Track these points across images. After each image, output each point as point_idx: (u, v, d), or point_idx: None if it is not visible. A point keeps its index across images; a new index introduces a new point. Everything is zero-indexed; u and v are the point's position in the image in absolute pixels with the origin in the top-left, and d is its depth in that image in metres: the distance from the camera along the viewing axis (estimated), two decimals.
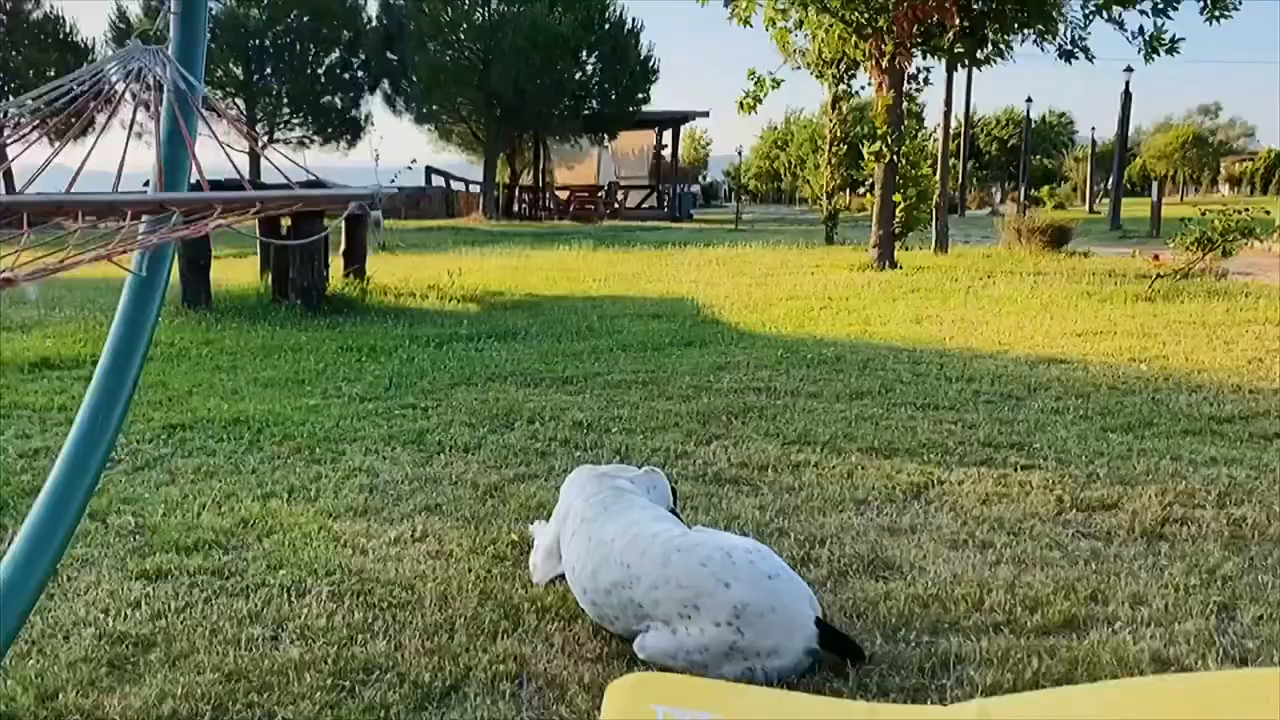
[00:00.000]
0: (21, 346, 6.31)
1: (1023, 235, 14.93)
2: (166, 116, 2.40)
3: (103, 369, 2.20)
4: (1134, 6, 11.24)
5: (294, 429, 4.34)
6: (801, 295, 9.38)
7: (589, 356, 6.18)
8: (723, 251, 15.31)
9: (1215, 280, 9.98)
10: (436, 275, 10.33)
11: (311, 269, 8.18)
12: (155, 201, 1.99)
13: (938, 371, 5.64)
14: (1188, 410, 4.66)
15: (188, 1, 2.56)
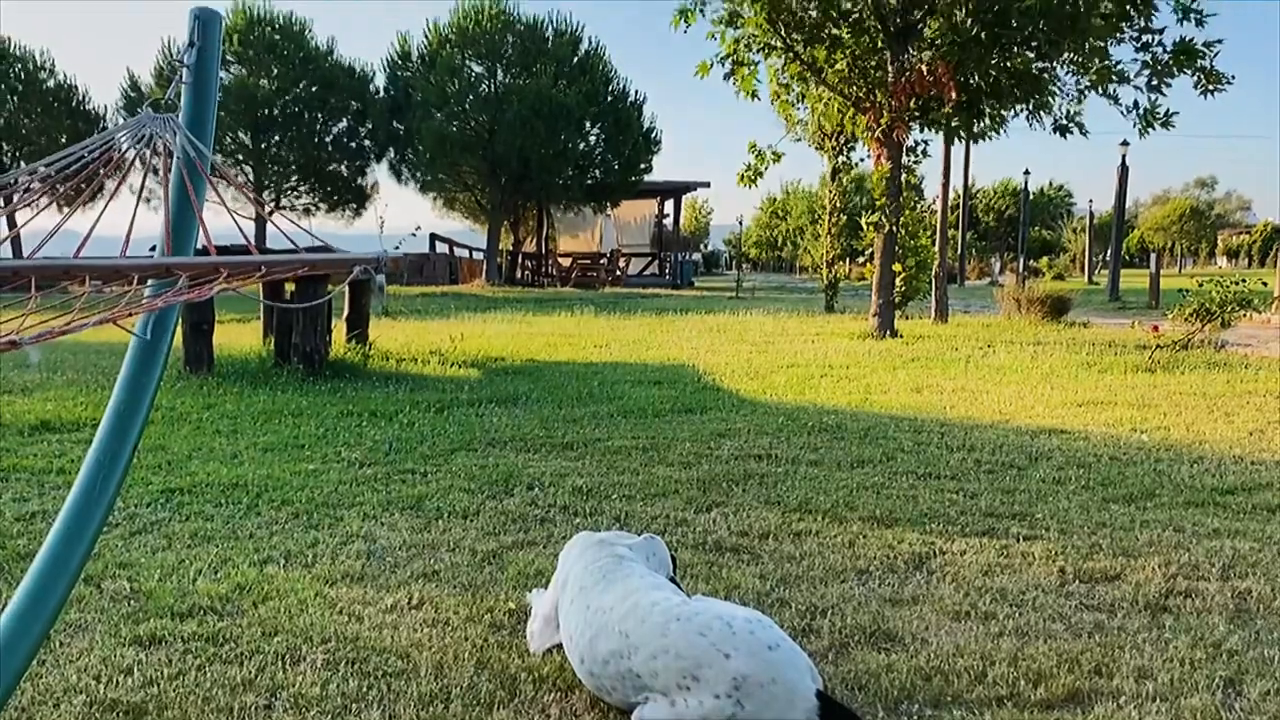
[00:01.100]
0: (22, 409, 6.31)
1: (1022, 305, 15.02)
2: (175, 183, 2.44)
3: (104, 432, 2.20)
4: (1128, 82, 11.44)
5: (292, 494, 4.32)
6: (802, 363, 9.40)
7: (589, 422, 6.18)
8: (723, 319, 15.38)
9: (1215, 351, 10.01)
10: (439, 340, 10.36)
11: (314, 333, 8.21)
12: (161, 265, 2.01)
13: (939, 440, 5.63)
14: (1190, 481, 4.65)
15: (199, 71, 2.62)
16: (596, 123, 30.44)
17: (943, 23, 11.80)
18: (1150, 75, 11.31)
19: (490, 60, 29.26)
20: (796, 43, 12.05)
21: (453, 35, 29.31)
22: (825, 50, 12.12)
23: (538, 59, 28.84)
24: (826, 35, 11.96)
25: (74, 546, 2.06)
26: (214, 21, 2.67)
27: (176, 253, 2.30)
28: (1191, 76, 11.15)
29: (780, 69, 12.85)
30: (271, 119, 29.37)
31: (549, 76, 28.39)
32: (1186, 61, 11.11)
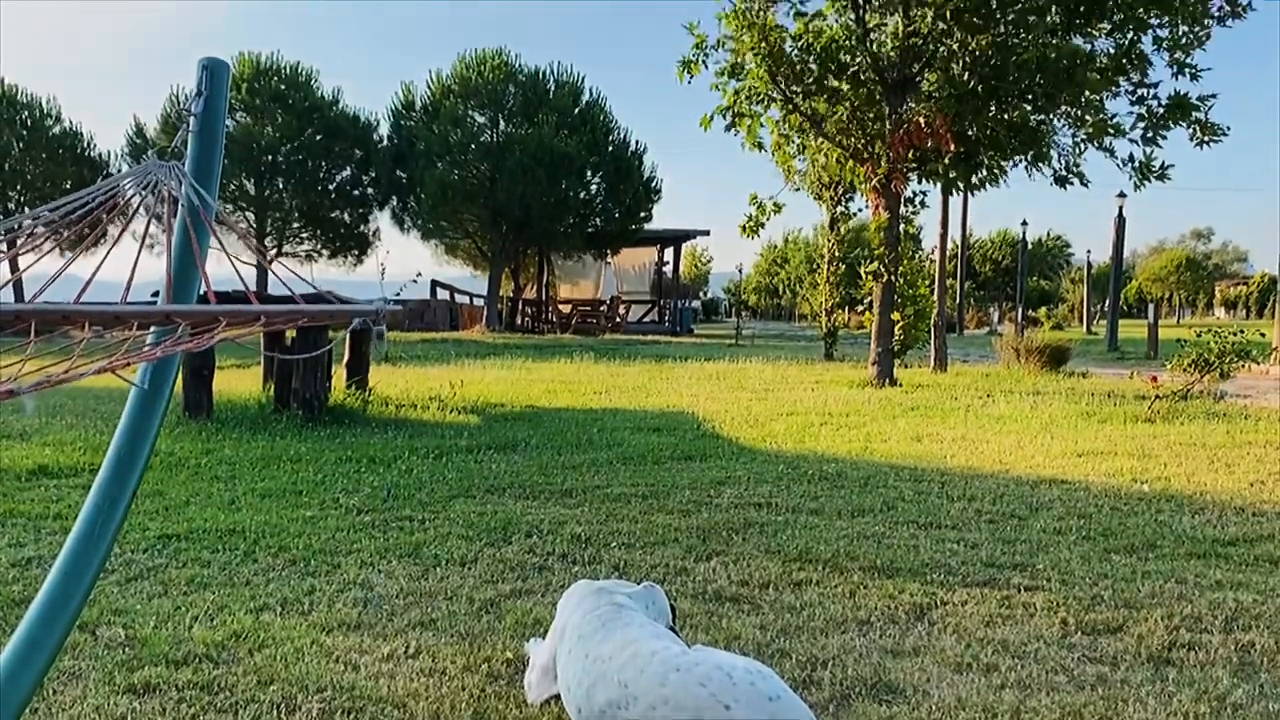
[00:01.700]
0: (20, 454, 6.30)
1: (1021, 355, 15.04)
2: (179, 230, 2.45)
3: (103, 478, 2.19)
4: (1124, 135, 11.56)
5: (290, 540, 4.30)
6: (802, 411, 9.39)
7: (588, 469, 6.16)
8: (723, 366, 15.39)
9: (1214, 402, 10.01)
10: (438, 387, 10.36)
11: (314, 380, 8.22)
12: (161, 313, 2.02)
13: (939, 490, 5.61)
14: (1191, 532, 4.63)
15: (206, 120, 2.65)
16: (597, 172, 30.70)
17: (940, 76, 11.95)
18: (1146, 128, 11.42)
19: (492, 110, 29.58)
20: (796, 95, 12.19)
21: (456, 85, 29.66)
22: (824, 102, 12.26)
23: (539, 109, 29.15)
24: (826, 88, 12.10)
25: (70, 592, 2.05)
26: (222, 71, 2.71)
27: (178, 300, 2.31)
28: (1187, 129, 11.27)
29: (781, 120, 13.00)
30: (275, 166, 29.62)
31: (550, 126, 28.68)
32: (1181, 114, 11.23)
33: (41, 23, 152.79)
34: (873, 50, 11.85)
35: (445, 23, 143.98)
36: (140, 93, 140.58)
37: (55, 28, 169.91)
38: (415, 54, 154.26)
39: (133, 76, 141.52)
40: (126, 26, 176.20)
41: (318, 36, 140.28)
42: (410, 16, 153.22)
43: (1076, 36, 11.60)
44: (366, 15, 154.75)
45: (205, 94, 2.69)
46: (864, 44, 11.81)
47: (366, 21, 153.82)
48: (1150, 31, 11.24)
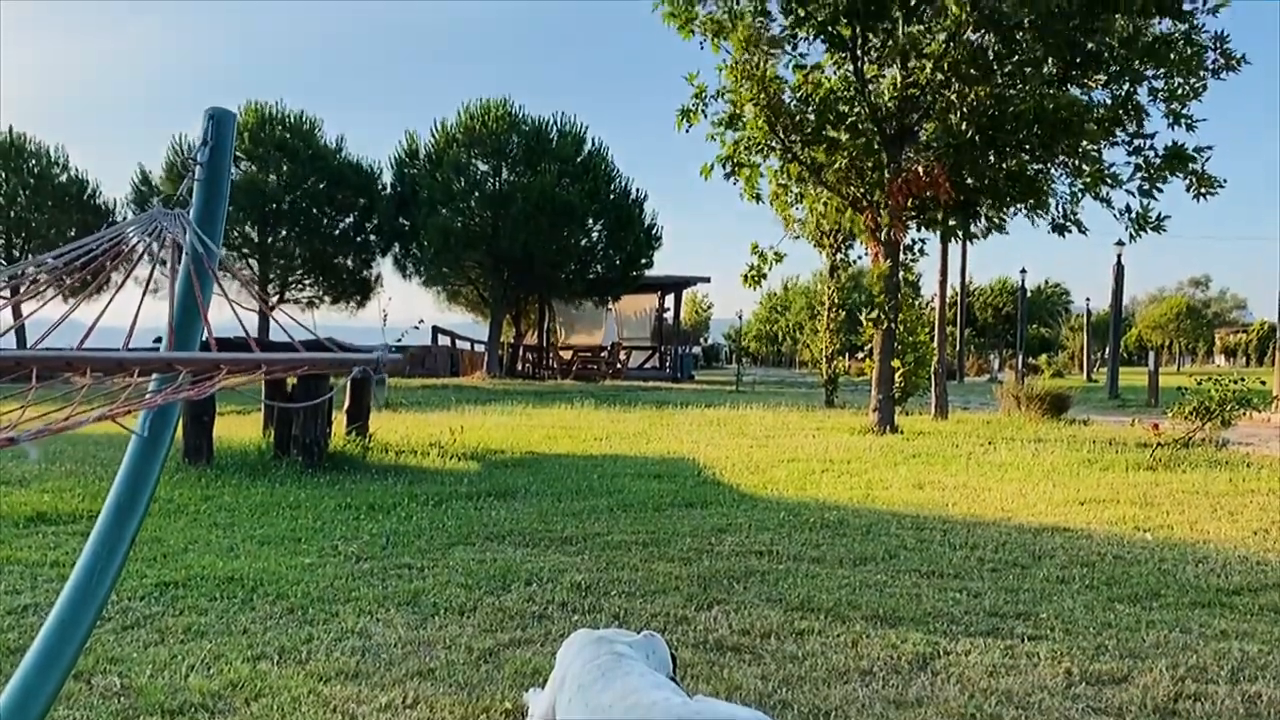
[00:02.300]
0: (18, 500, 6.28)
1: (1022, 402, 15.02)
2: (183, 278, 2.47)
3: (102, 524, 2.19)
4: (1121, 185, 11.64)
5: (288, 588, 4.27)
6: (803, 458, 9.37)
7: (589, 516, 6.14)
8: (724, 412, 15.38)
9: (1216, 450, 9.98)
10: (439, 433, 10.35)
11: (315, 426, 8.21)
12: (163, 361, 2.02)
13: (941, 538, 5.58)
14: (1195, 581, 4.59)
15: (212, 169, 2.67)
16: (599, 219, 30.88)
17: (938, 126, 12.07)
18: (1143, 178, 11.51)
19: (495, 159, 29.82)
20: (795, 144, 12.31)
21: (459, 135, 29.93)
22: (823, 151, 12.37)
23: (542, 158, 29.39)
24: (824, 137, 12.22)
25: (67, 641, 2.03)
26: (228, 121, 2.74)
27: (180, 348, 2.32)
28: (1184, 180, 11.35)
29: (780, 169, 13.11)
30: (279, 214, 29.80)
31: (553, 175, 28.90)
32: (1179, 165, 11.32)
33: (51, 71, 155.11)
34: (871, 101, 11.98)
35: (449, 74, 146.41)
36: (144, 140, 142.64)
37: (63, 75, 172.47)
38: (419, 104, 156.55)
39: (139, 124, 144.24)
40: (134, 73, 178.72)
41: (323, 86, 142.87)
42: (416, 69, 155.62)
43: (1073, 87, 11.74)
44: (372, 64, 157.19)
45: (211, 143, 2.72)
46: (862, 95, 11.95)
47: (372, 70, 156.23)
48: (1146, 83, 11.37)
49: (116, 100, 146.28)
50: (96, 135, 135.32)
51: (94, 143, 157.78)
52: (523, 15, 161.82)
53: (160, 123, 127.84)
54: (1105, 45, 10.91)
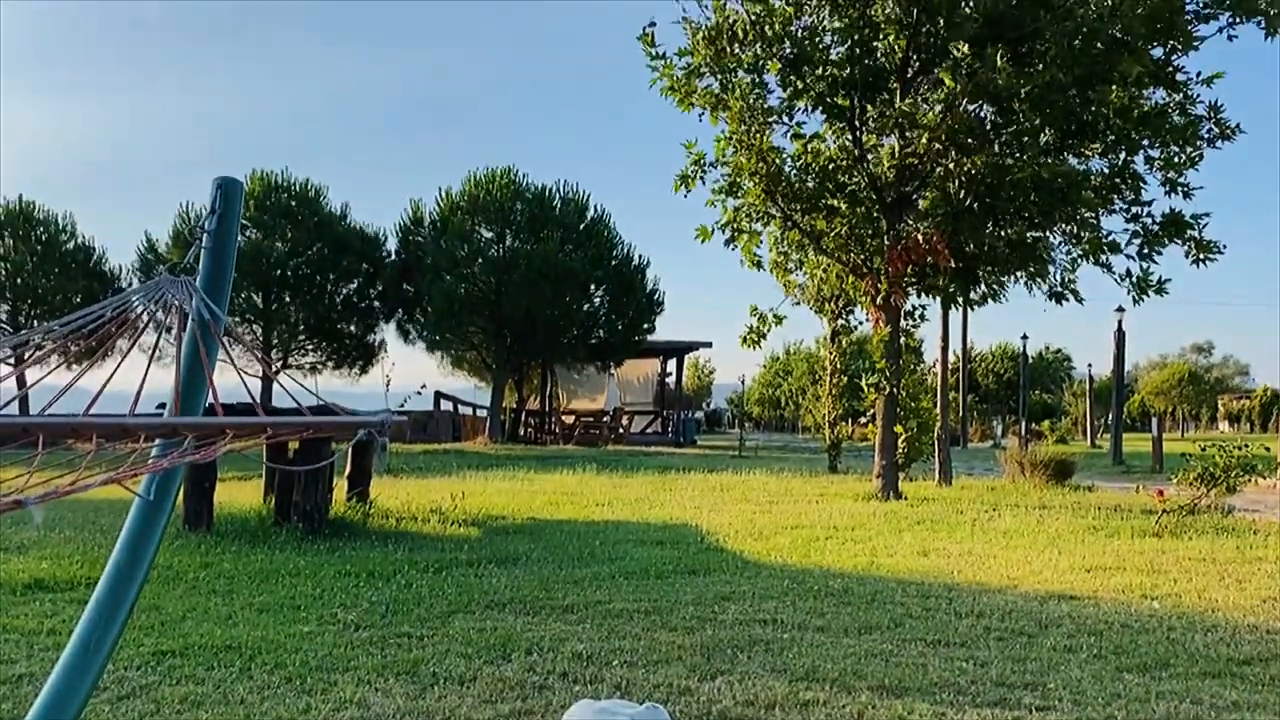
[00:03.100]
0: (16, 567, 6.24)
1: (1026, 468, 14.96)
2: (188, 343, 2.49)
3: (101, 591, 2.18)
4: (1120, 252, 11.73)
5: (286, 656, 4.22)
6: (806, 524, 9.31)
7: (590, 584, 6.08)
8: (727, 478, 15.31)
9: (1222, 517, 9.92)
10: (440, 498, 10.30)
11: (316, 492, 8.18)
12: (168, 425, 2.03)
13: (947, 606, 5.52)
14: (1204, 651, 4.54)
15: (219, 237, 2.71)
16: (601, 285, 31.08)
17: (936, 194, 12.21)
18: (1141, 245, 11.60)
19: (499, 226, 30.11)
20: (794, 212, 12.43)
21: (464, 202, 30.26)
22: (823, 219, 12.50)
23: (545, 225, 29.68)
24: (823, 206, 12.35)
25: (63, 711, 2.01)
26: (236, 190, 2.79)
27: (185, 413, 2.33)
28: (1183, 246, 11.44)
29: (779, 236, 13.23)
30: (284, 280, 30.00)
31: (556, 241, 29.16)
32: (1177, 232, 11.42)
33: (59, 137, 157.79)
34: (870, 170, 12.14)
35: (455, 144, 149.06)
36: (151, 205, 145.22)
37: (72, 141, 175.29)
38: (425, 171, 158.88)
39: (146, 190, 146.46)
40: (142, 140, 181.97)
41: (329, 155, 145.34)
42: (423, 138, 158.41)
43: (1071, 156, 11.89)
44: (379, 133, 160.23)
45: (219, 211, 2.76)
46: (861, 164, 12.10)
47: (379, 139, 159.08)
48: (1142, 152, 11.52)
49: (124, 166, 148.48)
50: (103, 201, 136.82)
51: (101, 209, 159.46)
52: (527, 86, 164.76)
53: (167, 189, 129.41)
54: (1101, 115, 11.07)
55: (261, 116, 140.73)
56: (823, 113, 12.32)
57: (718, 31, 11.66)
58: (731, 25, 11.64)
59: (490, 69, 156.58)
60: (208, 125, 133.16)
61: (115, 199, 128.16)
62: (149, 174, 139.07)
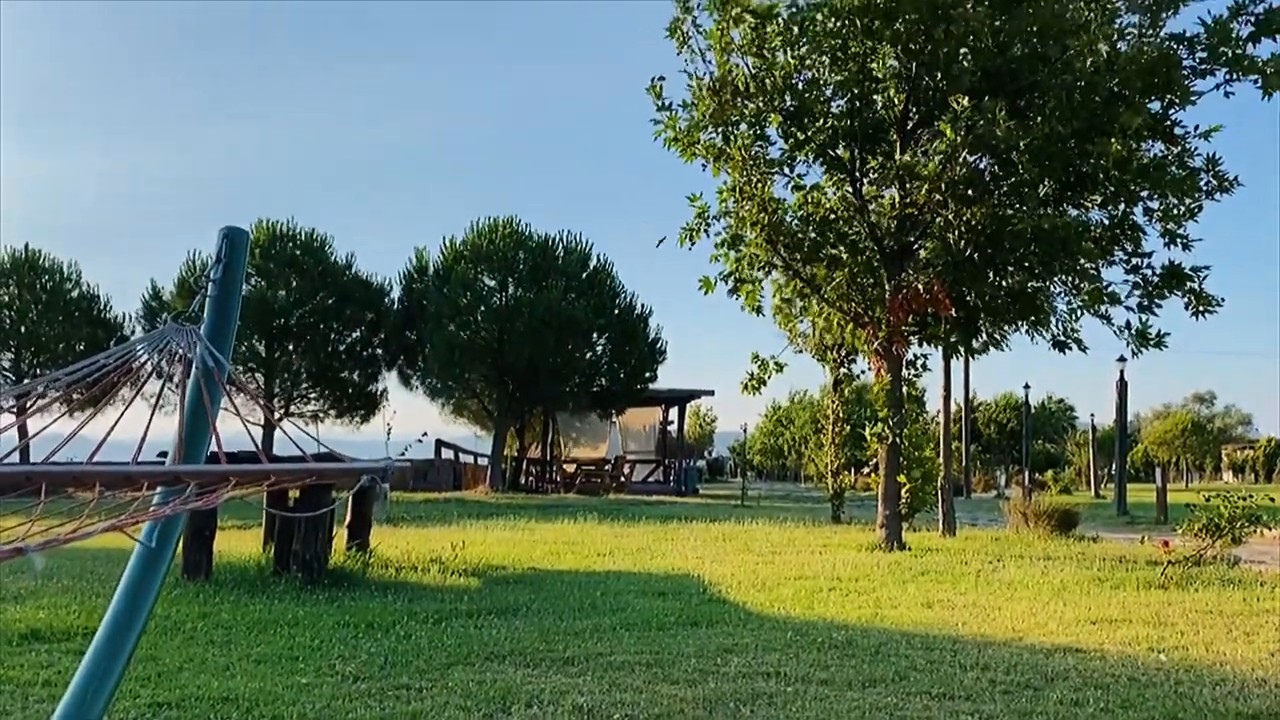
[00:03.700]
0: (12, 617, 6.19)
1: (1030, 519, 14.88)
2: (192, 391, 2.50)
3: (99, 642, 2.16)
4: (1120, 304, 11.76)
5: (284, 709, 4.17)
6: (810, 575, 9.24)
7: (591, 635, 6.03)
8: (729, 527, 15.22)
9: (1228, 568, 9.84)
10: (440, 548, 10.24)
11: (315, 541, 8.14)
12: (171, 474, 2.03)
13: (951, 658, 5.47)
14: (1213, 705, 4.48)
15: (224, 286, 2.73)
16: (603, 333, 31.16)
17: (937, 245, 12.28)
18: (1141, 296, 11.64)
19: (502, 274, 30.27)
20: (796, 261, 12.50)
21: (467, 251, 30.45)
22: (824, 268, 12.56)
23: (548, 274, 29.84)
24: (824, 255, 12.42)
25: None
26: (242, 240, 2.82)
27: (188, 460, 2.33)
28: (1182, 298, 11.47)
29: (782, 285, 13.29)
30: (287, 329, 30.08)
31: (558, 290, 29.29)
32: (1176, 284, 11.45)
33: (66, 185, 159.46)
34: (870, 220, 12.22)
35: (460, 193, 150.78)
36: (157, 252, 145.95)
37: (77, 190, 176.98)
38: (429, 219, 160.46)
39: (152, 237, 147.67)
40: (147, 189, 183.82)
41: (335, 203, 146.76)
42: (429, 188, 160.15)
43: (1070, 207, 11.97)
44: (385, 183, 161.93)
45: (225, 261, 2.78)
46: (862, 215, 12.19)
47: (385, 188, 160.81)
48: (1141, 204, 11.60)
49: (130, 215, 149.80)
50: (108, 249, 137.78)
51: (105, 257, 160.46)
52: (531, 137, 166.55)
53: (173, 238, 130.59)
54: (1100, 167, 11.16)
55: (270, 166, 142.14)
56: (823, 164, 12.45)
57: (721, 84, 11.80)
58: (734, 79, 11.79)
59: (494, 120, 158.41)
60: (214, 174, 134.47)
61: (120, 247, 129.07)
62: (155, 223, 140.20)
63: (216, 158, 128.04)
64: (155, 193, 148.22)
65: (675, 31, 11.93)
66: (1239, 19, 10.47)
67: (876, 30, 11.20)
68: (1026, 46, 11.08)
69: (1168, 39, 10.82)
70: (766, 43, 11.59)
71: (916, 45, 11.22)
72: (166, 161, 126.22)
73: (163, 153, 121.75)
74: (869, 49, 11.41)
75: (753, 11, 11.39)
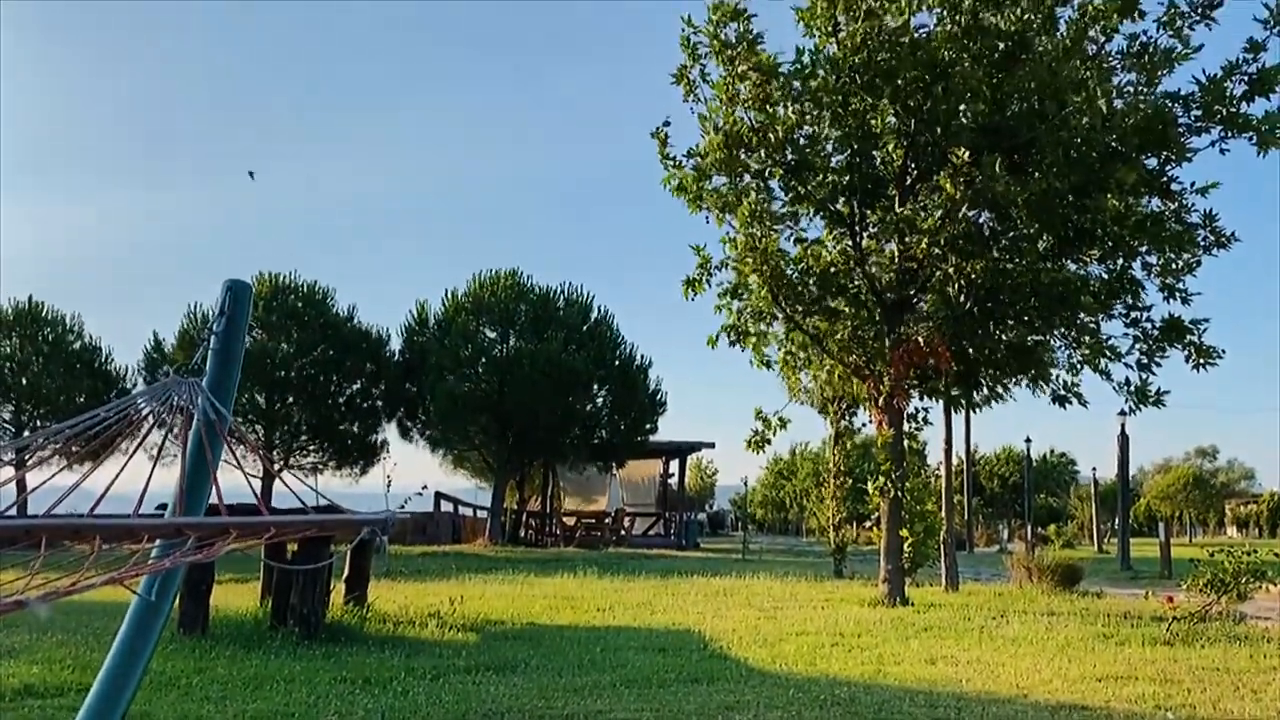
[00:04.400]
0: (6, 672, 6.12)
1: (1033, 574, 14.77)
2: (193, 443, 2.50)
3: (94, 698, 2.14)
4: (1120, 359, 11.78)
5: None
6: (812, 630, 9.15)
7: (591, 692, 5.95)
8: (730, 582, 15.10)
9: (1234, 624, 9.74)
10: (438, 602, 10.15)
11: (313, 595, 8.07)
12: (172, 526, 2.03)
13: (955, 716, 5.40)
14: None
15: (226, 338, 2.74)
16: (604, 385, 31.15)
17: (936, 298, 12.33)
18: (1141, 351, 11.66)
19: (503, 326, 30.36)
20: (797, 313, 12.55)
21: (468, 303, 30.56)
22: (825, 321, 12.61)
23: (549, 325, 29.92)
24: (826, 308, 12.47)
25: None
26: (245, 294, 2.83)
27: (189, 512, 2.33)
28: (1183, 351, 11.49)
29: (784, 337, 13.33)
30: (287, 381, 30.04)
31: (559, 342, 29.34)
32: (1176, 337, 11.49)
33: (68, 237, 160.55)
34: (870, 273, 12.29)
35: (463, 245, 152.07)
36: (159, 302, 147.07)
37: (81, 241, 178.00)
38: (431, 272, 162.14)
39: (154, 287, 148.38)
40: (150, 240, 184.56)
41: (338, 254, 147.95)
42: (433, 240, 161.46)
43: (1069, 262, 12.04)
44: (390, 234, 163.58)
45: (227, 314, 2.79)
46: (862, 268, 12.26)
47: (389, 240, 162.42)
48: (1140, 258, 11.67)
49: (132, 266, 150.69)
50: (109, 300, 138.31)
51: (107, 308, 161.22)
52: (535, 188, 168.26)
53: (176, 289, 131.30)
54: (1098, 222, 11.25)
55: (273, 217, 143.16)
56: (823, 218, 12.55)
57: (729, 137, 11.92)
58: (739, 131, 11.91)
59: (496, 171, 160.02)
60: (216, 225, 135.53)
61: (121, 298, 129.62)
62: (157, 274, 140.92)
63: (219, 209, 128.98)
64: (158, 243, 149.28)
65: (682, 79, 12.06)
66: (1233, 78, 10.62)
67: (876, 87, 11.35)
68: (1024, 104, 11.22)
69: (1163, 97, 10.96)
70: (769, 98, 11.74)
71: (915, 102, 11.37)
72: (171, 212, 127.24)
73: (168, 203, 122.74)
74: (869, 105, 11.55)
75: (757, 68, 11.53)
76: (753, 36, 11.55)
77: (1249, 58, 10.58)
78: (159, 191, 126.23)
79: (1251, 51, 10.57)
